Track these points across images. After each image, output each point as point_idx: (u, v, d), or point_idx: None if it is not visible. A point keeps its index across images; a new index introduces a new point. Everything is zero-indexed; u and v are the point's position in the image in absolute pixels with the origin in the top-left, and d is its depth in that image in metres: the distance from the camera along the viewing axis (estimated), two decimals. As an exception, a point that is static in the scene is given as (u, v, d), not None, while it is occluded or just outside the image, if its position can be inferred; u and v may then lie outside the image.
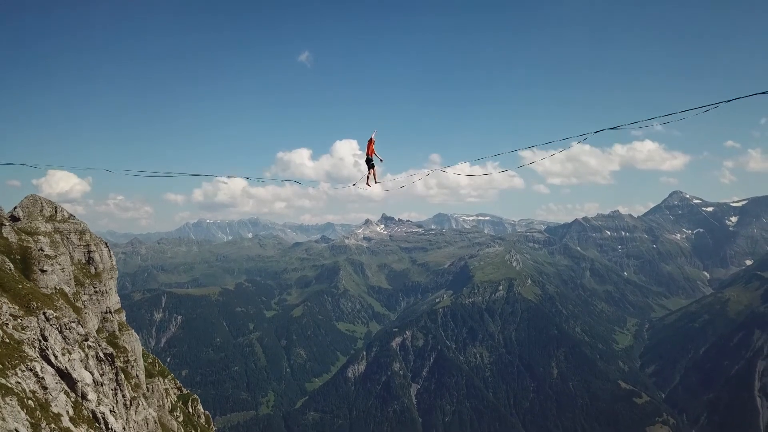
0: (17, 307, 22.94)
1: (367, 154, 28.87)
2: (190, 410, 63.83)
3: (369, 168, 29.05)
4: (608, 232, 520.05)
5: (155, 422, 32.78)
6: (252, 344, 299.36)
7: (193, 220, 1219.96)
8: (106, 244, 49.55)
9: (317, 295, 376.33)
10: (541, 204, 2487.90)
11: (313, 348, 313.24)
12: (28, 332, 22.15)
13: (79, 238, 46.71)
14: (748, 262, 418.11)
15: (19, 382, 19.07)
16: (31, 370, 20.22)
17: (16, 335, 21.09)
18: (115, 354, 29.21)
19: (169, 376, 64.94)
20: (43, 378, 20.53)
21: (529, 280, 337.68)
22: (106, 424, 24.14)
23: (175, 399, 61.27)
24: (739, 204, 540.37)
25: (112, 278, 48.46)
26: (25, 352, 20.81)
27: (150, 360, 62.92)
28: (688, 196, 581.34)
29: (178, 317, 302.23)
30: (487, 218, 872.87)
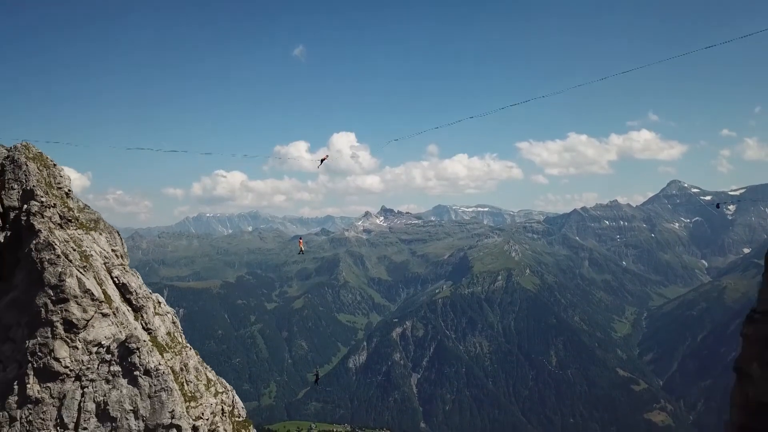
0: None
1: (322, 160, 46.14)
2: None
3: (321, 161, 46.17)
4: (607, 222, 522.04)
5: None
6: (254, 336, 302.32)
7: (192, 214, 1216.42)
8: (118, 232, 51.19)
9: (318, 287, 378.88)
10: (540, 194, 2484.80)
11: (314, 339, 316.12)
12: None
13: (95, 227, 48.45)
14: (746, 251, 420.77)
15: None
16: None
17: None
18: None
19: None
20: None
21: (527, 270, 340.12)
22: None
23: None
24: (737, 193, 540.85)
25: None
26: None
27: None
28: (686, 185, 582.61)
29: (180, 310, 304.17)
30: (486, 209, 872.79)
